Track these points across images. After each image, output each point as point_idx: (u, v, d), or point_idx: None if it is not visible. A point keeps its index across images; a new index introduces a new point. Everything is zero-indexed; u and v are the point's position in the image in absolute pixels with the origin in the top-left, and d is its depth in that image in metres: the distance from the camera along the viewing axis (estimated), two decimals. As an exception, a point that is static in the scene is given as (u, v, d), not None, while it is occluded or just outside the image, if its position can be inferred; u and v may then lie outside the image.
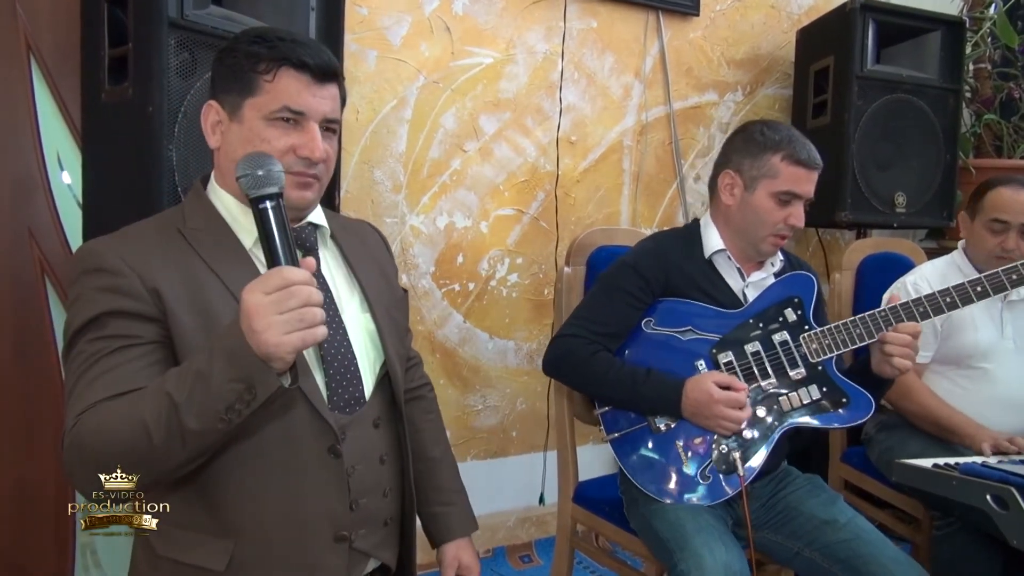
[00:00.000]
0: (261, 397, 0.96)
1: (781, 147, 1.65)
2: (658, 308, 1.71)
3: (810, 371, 1.65)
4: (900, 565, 1.51)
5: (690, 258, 1.73)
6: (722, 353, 1.67)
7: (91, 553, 2.00)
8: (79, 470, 1.02)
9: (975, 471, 1.56)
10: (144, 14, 1.49)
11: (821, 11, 2.90)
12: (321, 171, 1.15)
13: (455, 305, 2.52)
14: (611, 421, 1.71)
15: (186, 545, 1.11)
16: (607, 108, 2.71)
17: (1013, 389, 1.99)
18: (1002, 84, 3.01)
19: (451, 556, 1.39)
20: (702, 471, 1.62)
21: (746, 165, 1.68)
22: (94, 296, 1.05)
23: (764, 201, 1.67)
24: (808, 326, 1.67)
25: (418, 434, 1.44)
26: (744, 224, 1.70)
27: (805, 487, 1.71)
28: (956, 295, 1.66)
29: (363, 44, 2.28)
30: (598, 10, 2.65)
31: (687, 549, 1.48)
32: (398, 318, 1.32)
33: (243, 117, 1.12)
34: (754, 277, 1.74)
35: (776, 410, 1.64)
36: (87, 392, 1.02)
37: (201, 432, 0.96)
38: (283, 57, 1.10)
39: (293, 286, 0.92)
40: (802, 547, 1.61)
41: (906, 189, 2.66)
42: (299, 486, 1.12)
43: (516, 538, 2.65)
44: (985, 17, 2.98)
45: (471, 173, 2.50)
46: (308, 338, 0.94)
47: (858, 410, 1.62)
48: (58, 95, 1.85)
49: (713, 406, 1.57)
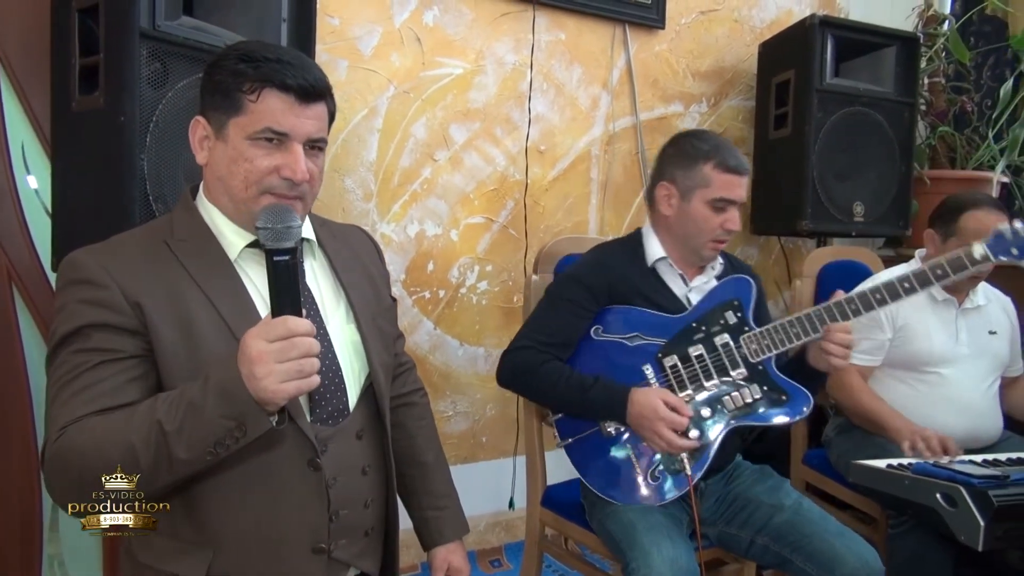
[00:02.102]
0: (251, 435, 0.99)
1: (711, 156, 1.71)
2: (605, 316, 1.76)
3: (751, 371, 1.71)
4: (843, 538, 1.58)
5: (633, 266, 1.79)
6: (667, 357, 1.72)
7: (58, 564, 1.98)
8: (60, 482, 1.04)
9: (926, 471, 1.63)
10: (115, 24, 1.49)
11: (782, 25, 2.99)
12: (305, 190, 1.16)
13: (425, 312, 2.54)
14: (564, 427, 1.76)
15: (166, 553, 1.12)
16: (575, 118, 2.76)
17: (965, 392, 2.07)
18: (955, 98, 3.11)
19: (441, 559, 1.41)
20: (651, 472, 1.68)
21: (680, 176, 1.74)
22: (78, 308, 1.06)
23: (700, 209, 1.73)
24: (748, 327, 1.73)
25: (411, 440, 1.45)
26: (684, 232, 1.76)
27: (753, 476, 1.77)
28: (885, 292, 1.70)
29: (334, 54, 2.30)
30: (566, 23, 2.70)
31: (636, 547, 1.54)
32: (384, 327, 1.33)
33: (228, 136, 1.13)
34: (696, 282, 1.80)
35: (720, 410, 1.70)
36: (70, 404, 1.03)
37: (188, 461, 0.99)
38: (267, 78, 1.11)
39: (296, 337, 0.96)
40: (755, 535, 1.67)
41: (864, 199, 2.74)
42: (278, 498, 1.13)
43: (486, 543, 2.68)
44: (939, 33, 3.07)
45: (441, 182, 2.53)
46: (303, 387, 0.98)
47: (797, 406, 1.69)
48: (27, 103, 1.84)
49: (656, 423, 1.62)
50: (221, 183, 1.15)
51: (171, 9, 1.57)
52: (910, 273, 1.72)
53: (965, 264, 1.71)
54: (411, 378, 1.52)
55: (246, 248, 1.17)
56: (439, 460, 1.48)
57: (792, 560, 1.61)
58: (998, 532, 1.47)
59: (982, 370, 2.10)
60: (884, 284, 1.71)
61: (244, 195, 1.13)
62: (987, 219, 2.00)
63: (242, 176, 1.12)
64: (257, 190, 1.13)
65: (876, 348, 2.10)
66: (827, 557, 1.56)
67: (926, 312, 2.10)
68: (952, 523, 1.52)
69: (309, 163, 1.15)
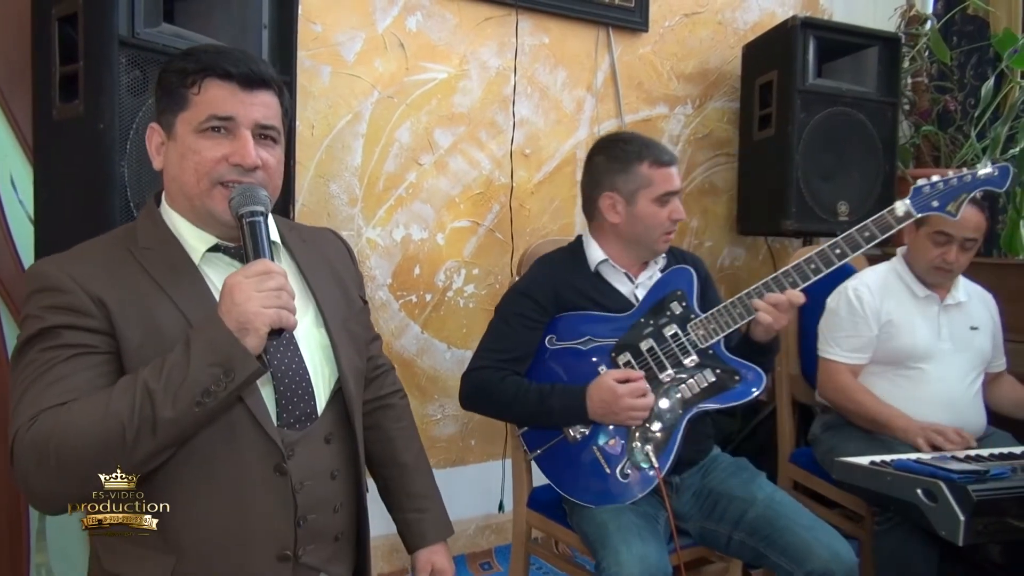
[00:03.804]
0: (239, 378, 1.00)
1: (644, 155, 1.75)
2: (557, 324, 1.79)
3: (702, 356, 1.73)
4: (814, 531, 1.59)
5: (577, 272, 1.82)
6: (620, 355, 1.74)
7: (46, 572, 1.97)
8: (36, 471, 1.00)
9: (907, 467, 1.64)
10: (94, 32, 1.50)
11: (765, 27, 3.00)
12: (261, 178, 1.15)
13: (412, 316, 2.55)
14: (531, 439, 1.79)
15: (130, 559, 1.11)
16: (560, 121, 2.77)
17: (947, 387, 2.08)
18: (939, 97, 3.13)
19: (424, 560, 1.40)
20: (620, 470, 1.69)
21: (620, 182, 1.77)
22: (45, 313, 1.06)
23: (648, 208, 1.75)
24: (694, 315, 1.75)
25: (389, 442, 1.44)
26: (635, 234, 1.78)
27: (729, 469, 1.78)
28: (819, 260, 1.72)
29: (317, 60, 2.31)
30: (549, 26, 2.71)
31: (607, 547, 1.56)
32: (356, 331, 1.32)
33: (177, 134, 1.14)
34: (642, 278, 1.83)
35: (678, 399, 1.72)
36: (41, 397, 1.02)
37: (175, 420, 0.99)
38: (207, 67, 1.12)
39: (272, 272, 1.04)
40: (732, 530, 1.68)
41: (848, 198, 2.76)
42: (243, 504, 1.11)
43: (476, 546, 2.68)
44: (921, 33, 3.10)
45: (427, 186, 2.54)
46: (283, 317, 1.03)
47: (751, 383, 1.71)
48: (9, 112, 1.84)
49: (619, 400, 1.64)
50: (176, 183, 1.16)
51: (151, 16, 1.57)
52: (839, 238, 1.74)
53: (890, 223, 1.75)
54: (389, 380, 1.50)
55: (208, 252, 1.17)
56: (419, 461, 1.46)
57: (767, 555, 1.62)
58: (978, 527, 1.48)
59: (964, 365, 2.11)
60: (817, 253, 1.74)
61: (196, 189, 1.13)
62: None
63: (192, 169, 1.12)
64: (208, 182, 1.12)
65: (864, 345, 2.12)
66: (798, 550, 1.56)
67: (909, 308, 2.12)
68: (933, 518, 1.53)
69: (262, 152, 1.14)
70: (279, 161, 1.20)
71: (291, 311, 1.04)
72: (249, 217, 1.08)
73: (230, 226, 1.13)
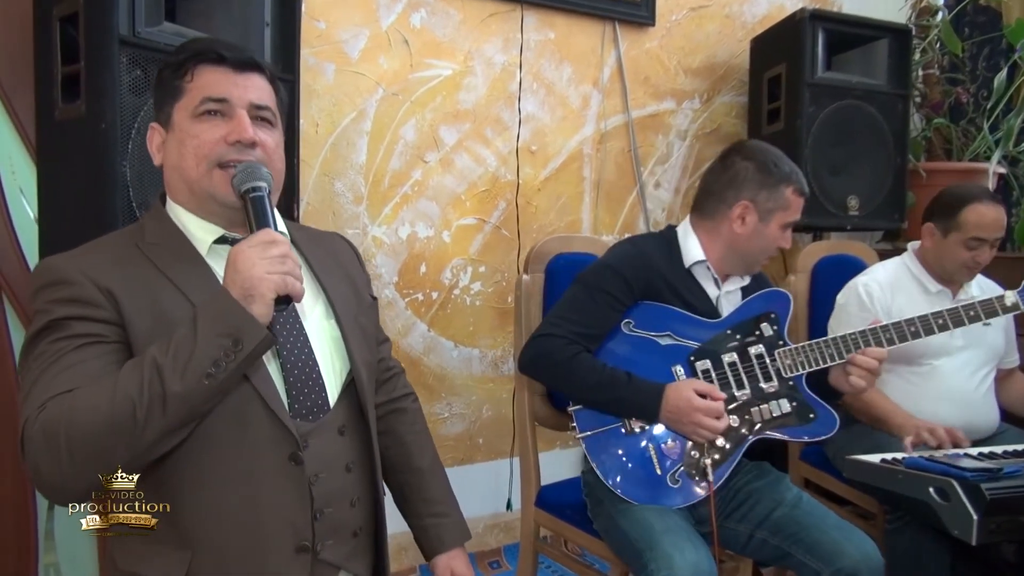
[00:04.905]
0: (247, 348, 1.00)
1: (791, 180, 1.72)
2: (638, 310, 1.73)
3: (782, 385, 1.70)
4: (843, 531, 1.57)
5: (670, 264, 1.77)
6: (700, 361, 1.70)
7: (55, 573, 1.98)
8: (46, 458, 0.98)
9: (919, 465, 1.61)
10: (95, 31, 1.49)
11: (773, 20, 2.96)
12: (260, 156, 1.15)
13: (419, 314, 2.54)
14: (584, 419, 1.71)
15: (144, 557, 1.10)
16: (566, 117, 2.75)
17: (958, 384, 2.06)
18: (950, 89, 3.09)
19: (443, 567, 1.38)
20: (672, 474, 1.65)
21: (762, 197, 1.72)
22: (53, 307, 1.06)
23: (775, 231, 1.73)
24: (783, 342, 1.72)
25: (403, 447, 1.42)
26: (750, 250, 1.75)
27: (753, 472, 1.76)
28: (920, 325, 1.74)
29: (321, 58, 2.30)
30: (555, 21, 2.69)
31: (656, 549, 1.50)
32: (367, 325, 1.31)
33: (174, 124, 1.15)
34: (729, 286, 1.80)
35: (747, 420, 1.68)
36: (51, 385, 1.01)
37: (184, 395, 0.97)
38: (198, 54, 1.14)
39: (276, 241, 1.04)
40: (754, 529, 1.66)
41: (858, 192, 2.72)
42: (258, 495, 1.10)
43: (485, 544, 2.67)
44: (932, 25, 3.05)
45: (432, 183, 2.52)
46: (289, 283, 1.03)
47: (823, 426, 1.68)
48: (13, 112, 1.85)
49: (692, 413, 1.60)
50: (176, 172, 1.16)
51: (152, 16, 1.57)
52: (944, 311, 1.76)
53: (997, 310, 1.79)
54: (400, 383, 1.49)
55: (215, 244, 1.18)
56: (434, 466, 1.44)
57: (792, 553, 1.59)
58: (991, 526, 1.45)
59: (976, 361, 2.08)
60: (919, 318, 1.74)
61: (196, 172, 1.13)
62: (988, 212, 2.02)
63: (192, 153, 1.13)
64: (208, 165, 1.13)
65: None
66: (827, 549, 1.54)
67: (921, 304, 2.09)
68: (945, 517, 1.50)
69: (260, 132, 1.16)
70: (277, 144, 1.20)
71: (297, 278, 1.04)
72: (252, 192, 1.10)
73: (234, 208, 1.14)
